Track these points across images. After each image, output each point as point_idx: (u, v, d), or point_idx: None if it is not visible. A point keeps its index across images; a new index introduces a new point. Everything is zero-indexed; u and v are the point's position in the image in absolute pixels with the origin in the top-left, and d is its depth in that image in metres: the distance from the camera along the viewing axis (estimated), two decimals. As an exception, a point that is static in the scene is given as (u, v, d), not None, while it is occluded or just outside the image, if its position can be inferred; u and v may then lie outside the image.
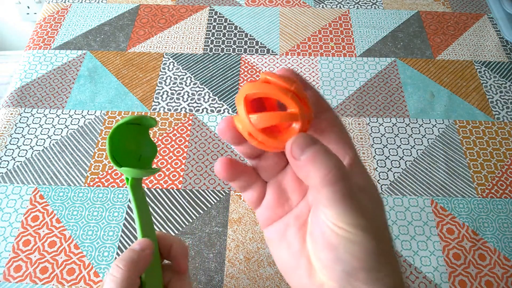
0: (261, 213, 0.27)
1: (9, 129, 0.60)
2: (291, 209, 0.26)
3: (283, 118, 0.21)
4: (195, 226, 0.51)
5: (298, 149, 0.21)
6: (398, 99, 0.63)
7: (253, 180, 0.26)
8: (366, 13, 0.76)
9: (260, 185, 0.26)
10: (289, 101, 0.21)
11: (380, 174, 0.56)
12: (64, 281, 0.47)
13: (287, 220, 0.26)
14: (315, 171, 0.21)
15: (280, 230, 0.26)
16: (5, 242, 0.50)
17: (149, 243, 0.31)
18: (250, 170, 0.26)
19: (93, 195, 0.53)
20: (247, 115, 0.21)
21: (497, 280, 0.47)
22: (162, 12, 0.75)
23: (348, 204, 0.20)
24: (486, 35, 0.72)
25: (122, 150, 0.33)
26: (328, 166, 0.21)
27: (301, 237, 0.25)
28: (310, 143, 0.21)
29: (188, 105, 0.62)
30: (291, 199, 0.26)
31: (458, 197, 0.54)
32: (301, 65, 0.68)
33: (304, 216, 0.25)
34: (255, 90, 0.21)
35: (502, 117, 0.61)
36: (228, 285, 0.47)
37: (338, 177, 0.20)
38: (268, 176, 0.27)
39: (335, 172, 0.20)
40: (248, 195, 0.27)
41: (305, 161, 0.21)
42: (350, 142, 0.24)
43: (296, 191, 0.26)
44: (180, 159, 0.57)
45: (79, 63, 0.68)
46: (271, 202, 0.26)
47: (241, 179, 0.26)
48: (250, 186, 0.26)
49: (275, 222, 0.26)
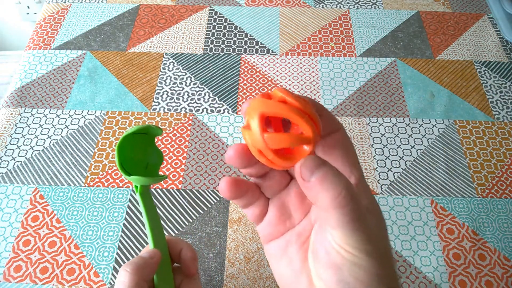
0: (262, 229, 0.27)
1: (9, 129, 0.60)
2: (293, 226, 0.26)
3: (297, 141, 0.21)
4: (195, 226, 0.51)
5: (307, 171, 0.21)
6: (398, 99, 0.63)
7: (256, 198, 0.27)
8: (366, 13, 0.76)
9: (263, 202, 0.27)
10: (304, 124, 0.21)
11: (380, 174, 0.56)
12: (64, 281, 0.47)
13: (289, 237, 0.26)
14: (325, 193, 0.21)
15: (282, 246, 0.26)
16: (5, 242, 0.50)
17: (157, 253, 0.33)
18: (253, 187, 0.26)
19: (93, 195, 0.53)
20: (262, 134, 0.21)
21: (497, 280, 0.47)
22: (162, 12, 0.75)
23: (356, 227, 0.21)
24: (486, 35, 0.72)
25: (130, 159, 0.34)
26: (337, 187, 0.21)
27: (303, 255, 0.25)
28: (319, 165, 0.22)
29: (188, 105, 0.62)
30: (293, 217, 0.26)
31: (458, 197, 0.54)
32: (301, 65, 0.68)
33: (306, 233, 0.25)
34: (273, 110, 0.21)
35: (502, 117, 0.61)
36: (228, 285, 0.47)
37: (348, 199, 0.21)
38: (271, 193, 0.27)
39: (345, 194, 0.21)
40: (251, 212, 0.27)
41: (314, 183, 0.21)
42: (357, 162, 0.25)
43: (299, 209, 0.26)
44: (180, 159, 0.57)
45: (79, 63, 0.68)
46: (273, 219, 0.26)
47: (245, 197, 0.26)
48: (253, 203, 0.27)
49: (276, 238, 0.27)
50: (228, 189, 0.25)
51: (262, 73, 0.66)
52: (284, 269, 0.26)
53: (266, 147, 0.21)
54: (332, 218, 0.21)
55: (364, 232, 0.21)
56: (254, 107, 0.22)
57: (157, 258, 0.33)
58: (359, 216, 0.21)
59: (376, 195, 0.54)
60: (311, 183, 0.21)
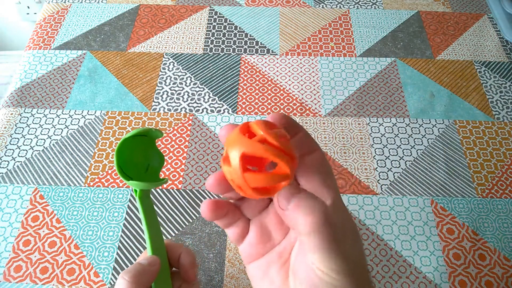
0: (244, 249, 0.28)
1: (9, 129, 0.60)
2: (273, 247, 0.27)
3: (275, 180, 0.22)
4: (195, 226, 0.51)
5: (284, 200, 0.23)
6: (398, 99, 0.63)
7: (237, 218, 0.27)
8: (366, 13, 0.76)
9: (244, 222, 0.27)
10: (283, 164, 0.22)
11: (380, 174, 0.56)
12: (64, 281, 0.47)
13: (270, 258, 0.27)
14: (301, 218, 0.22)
15: (263, 267, 0.27)
16: (5, 242, 0.50)
17: (157, 261, 0.32)
18: (234, 208, 0.27)
19: (93, 195, 0.53)
20: (243, 174, 0.22)
21: (497, 280, 0.47)
22: (162, 12, 0.75)
23: (333, 250, 0.22)
24: (486, 35, 0.72)
25: (130, 162, 0.33)
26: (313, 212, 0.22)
27: (284, 274, 0.26)
28: (294, 193, 0.23)
29: (188, 105, 0.62)
30: (274, 237, 0.27)
31: (458, 197, 0.54)
32: (301, 65, 0.68)
33: (287, 254, 0.26)
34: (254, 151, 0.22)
35: (502, 117, 0.61)
36: (228, 285, 0.47)
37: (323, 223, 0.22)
38: (251, 214, 0.28)
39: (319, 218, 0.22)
40: (231, 232, 0.28)
41: (291, 209, 0.23)
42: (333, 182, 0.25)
43: (278, 229, 0.27)
44: (180, 159, 0.57)
45: (79, 63, 0.68)
46: (253, 239, 0.27)
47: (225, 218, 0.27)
48: (233, 223, 0.27)
49: (257, 259, 0.27)
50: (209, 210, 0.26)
51: (262, 73, 0.66)
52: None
53: (245, 185, 0.22)
54: (310, 242, 0.22)
55: (341, 254, 0.22)
56: (235, 144, 0.22)
57: (157, 266, 0.32)
58: (335, 238, 0.22)
59: (376, 195, 0.54)
60: (288, 211, 0.23)
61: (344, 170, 0.56)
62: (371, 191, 0.54)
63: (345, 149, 0.58)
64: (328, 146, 0.58)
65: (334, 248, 0.22)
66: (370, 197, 0.54)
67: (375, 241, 0.50)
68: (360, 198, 0.53)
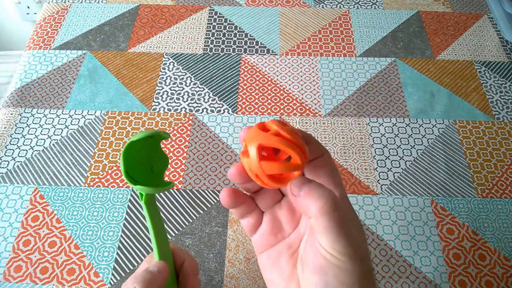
0: (256, 240, 0.30)
1: (9, 129, 0.60)
2: (283, 238, 0.30)
3: (289, 169, 0.25)
4: (195, 226, 0.51)
5: (296, 187, 0.25)
6: (398, 99, 0.63)
7: (252, 209, 0.30)
8: (366, 13, 0.76)
9: (257, 214, 0.30)
10: (295, 154, 0.25)
11: (380, 174, 0.56)
12: (64, 281, 0.47)
13: (280, 248, 0.29)
14: (313, 203, 0.24)
15: (273, 257, 0.29)
16: (5, 242, 0.50)
17: (166, 267, 0.32)
18: (250, 199, 0.30)
19: (93, 195, 0.53)
20: (259, 162, 0.25)
21: (497, 280, 0.47)
22: (162, 12, 0.75)
23: (341, 233, 0.24)
24: (486, 35, 0.72)
25: (135, 165, 0.32)
26: (323, 197, 0.24)
27: (292, 264, 0.28)
28: (305, 182, 0.25)
29: (188, 105, 0.62)
30: (285, 230, 0.30)
31: (458, 197, 0.54)
32: (301, 65, 0.68)
33: (296, 245, 0.29)
34: (269, 142, 0.25)
35: (502, 117, 0.61)
36: (228, 285, 0.47)
37: (333, 207, 0.24)
38: (265, 206, 0.30)
39: (330, 203, 0.24)
40: (246, 222, 0.30)
41: (303, 196, 0.25)
42: (339, 182, 0.28)
43: (289, 222, 0.30)
44: (180, 159, 0.57)
45: (79, 63, 0.68)
46: (266, 230, 0.30)
47: (241, 207, 0.30)
48: (248, 214, 0.30)
49: (268, 249, 0.30)
50: (227, 197, 0.28)
51: (262, 73, 0.66)
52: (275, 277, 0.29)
53: (262, 173, 0.25)
54: (320, 225, 0.24)
55: (347, 237, 0.24)
56: (253, 137, 0.25)
57: (166, 274, 0.32)
58: (343, 222, 0.24)
59: (376, 195, 0.54)
60: (300, 197, 0.25)
61: (344, 170, 0.56)
62: (371, 191, 0.54)
63: (345, 149, 0.58)
64: (328, 146, 0.58)
65: (341, 232, 0.24)
66: (370, 197, 0.54)
67: (375, 241, 0.50)
68: (360, 198, 0.53)
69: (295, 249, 0.29)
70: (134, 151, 0.32)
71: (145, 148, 0.33)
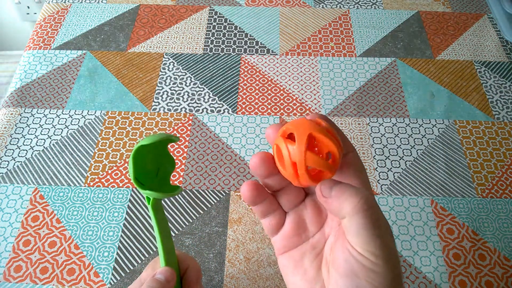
0: (277, 241, 0.29)
1: (9, 129, 0.60)
2: (307, 238, 0.28)
3: (328, 168, 0.24)
4: (195, 226, 0.51)
5: (326, 188, 0.24)
6: (398, 99, 0.63)
7: (274, 208, 0.28)
8: (366, 13, 0.76)
9: (280, 213, 0.29)
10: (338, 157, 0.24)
11: (380, 174, 0.56)
12: (64, 281, 0.47)
13: (304, 249, 0.28)
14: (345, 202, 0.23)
15: (296, 257, 0.28)
16: (5, 242, 0.50)
17: (174, 275, 0.32)
18: (272, 198, 0.28)
19: (93, 195, 0.53)
20: (305, 151, 0.24)
21: (497, 280, 0.47)
22: (162, 12, 0.75)
23: (375, 234, 0.23)
24: (486, 35, 0.72)
25: (143, 169, 0.32)
26: (357, 195, 0.23)
27: (317, 265, 0.27)
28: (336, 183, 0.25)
29: (188, 105, 0.62)
30: (309, 230, 0.28)
31: (458, 197, 0.54)
32: (301, 65, 0.68)
33: (321, 245, 0.28)
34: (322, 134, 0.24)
35: (502, 117, 0.61)
36: (228, 285, 0.47)
37: (368, 204, 0.23)
38: (289, 206, 0.29)
39: (365, 200, 0.23)
40: (268, 222, 0.29)
41: (335, 195, 0.24)
42: (368, 182, 0.27)
43: (315, 222, 0.28)
44: (180, 159, 0.57)
45: (79, 63, 0.68)
46: (289, 231, 0.28)
47: (264, 204, 0.28)
48: (270, 213, 0.28)
49: (291, 250, 0.28)
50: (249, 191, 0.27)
51: (262, 73, 0.66)
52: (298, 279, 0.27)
53: (303, 163, 0.24)
54: (352, 225, 0.23)
55: (381, 238, 0.23)
56: (305, 125, 0.24)
57: (173, 282, 0.31)
58: (377, 220, 0.23)
59: (376, 195, 0.54)
60: (332, 198, 0.24)
61: (344, 170, 0.56)
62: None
63: (345, 149, 0.58)
64: (328, 146, 0.58)
65: (376, 232, 0.23)
66: (370, 197, 0.53)
67: (375, 241, 0.50)
68: (360, 198, 0.53)
69: (319, 250, 0.28)
70: (142, 155, 0.31)
71: (153, 151, 0.33)
